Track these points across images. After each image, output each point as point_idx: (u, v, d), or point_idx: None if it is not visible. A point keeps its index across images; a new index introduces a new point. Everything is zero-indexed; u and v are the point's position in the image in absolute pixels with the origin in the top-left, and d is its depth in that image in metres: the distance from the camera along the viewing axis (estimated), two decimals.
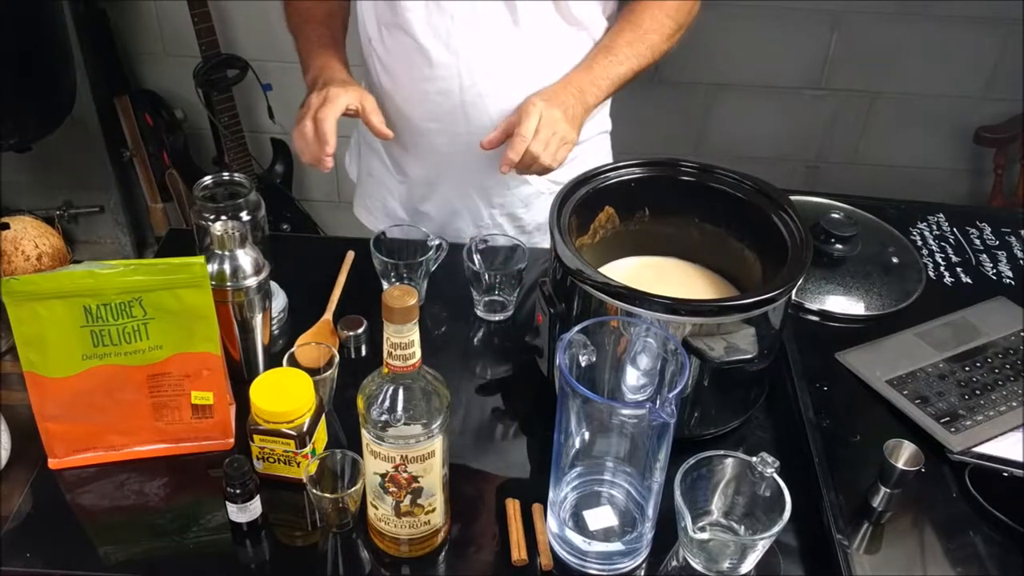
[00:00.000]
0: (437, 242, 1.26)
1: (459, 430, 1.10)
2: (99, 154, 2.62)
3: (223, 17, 2.44)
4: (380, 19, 1.30)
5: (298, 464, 0.99)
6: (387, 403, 0.84)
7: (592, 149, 1.45)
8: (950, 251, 1.37)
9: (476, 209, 1.44)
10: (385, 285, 1.26)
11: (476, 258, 1.25)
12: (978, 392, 1.09)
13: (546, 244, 1.07)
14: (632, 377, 0.97)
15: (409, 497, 0.89)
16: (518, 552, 0.94)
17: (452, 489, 0.96)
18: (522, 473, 1.07)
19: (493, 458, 1.09)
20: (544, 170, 1.21)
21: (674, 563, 0.93)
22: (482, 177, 1.39)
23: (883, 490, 0.95)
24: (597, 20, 1.32)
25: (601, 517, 0.96)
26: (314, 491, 0.92)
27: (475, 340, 1.26)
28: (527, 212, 1.45)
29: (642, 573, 0.95)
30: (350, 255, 1.33)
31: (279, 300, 1.25)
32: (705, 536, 0.87)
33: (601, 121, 1.47)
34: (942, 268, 1.33)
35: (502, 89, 1.28)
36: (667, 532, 0.92)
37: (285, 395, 0.97)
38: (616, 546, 0.94)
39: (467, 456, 1.06)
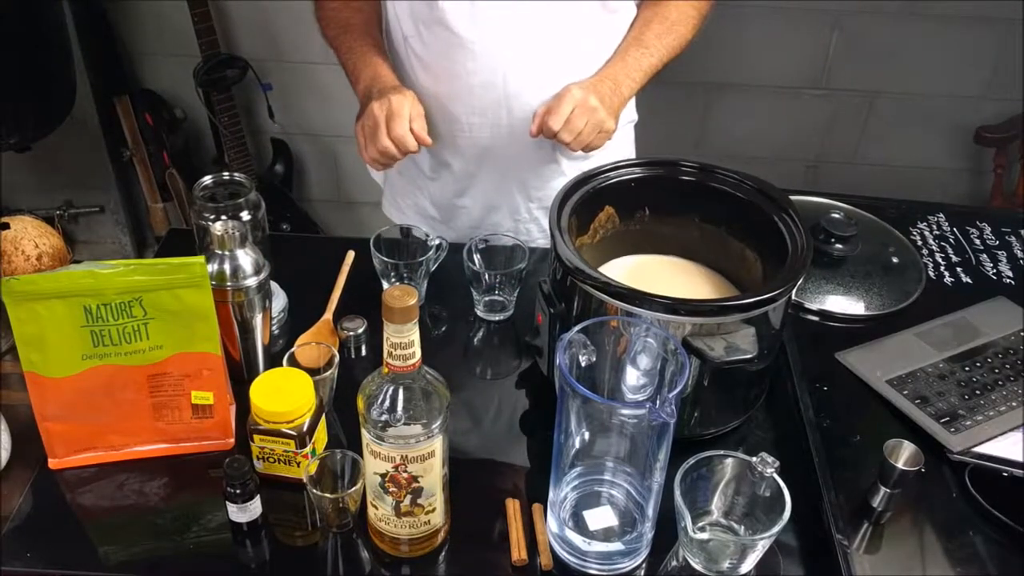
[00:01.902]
0: (437, 242, 1.26)
1: (459, 430, 1.10)
2: (99, 154, 2.62)
3: (223, 17, 2.44)
4: (417, 16, 1.31)
5: (298, 464, 0.99)
6: (387, 403, 0.84)
7: (619, 137, 1.46)
8: (950, 251, 1.37)
9: (514, 203, 1.46)
10: (385, 285, 1.26)
11: (476, 258, 1.25)
12: (978, 392, 1.09)
13: None
14: (632, 377, 0.97)
15: (409, 497, 0.89)
16: (518, 552, 0.94)
17: (452, 489, 0.96)
18: (522, 473, 1.07)
19: (493, 458, 1.09)
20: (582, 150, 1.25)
21: (674, 563, 0.93)
22: (521, 170, 1.41)
23: (883, 490, 0.95)
24: (630, 7, 1.35)
25: (601, 517, 0.96)
26: (314, 491, 0.92)
27: (475, 340, 1.26)
28: None
29: (642, 573, 0.95)
30: (350, 255, 1.33)
31: (279, 300, 1.25)
32: (705, 536, 0.87)
33: (627, 111, 1.48)
34: (942, 268, 1.33)
35: (544, 79, 1.30)
36: (667, 532, 0.92)
37: (285, 395, 0.97)
38: (616, 546, 0.94)
39: (467, 456, 1.06)
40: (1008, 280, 1.31)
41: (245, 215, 1.17)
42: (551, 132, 1.21)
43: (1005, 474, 1.00)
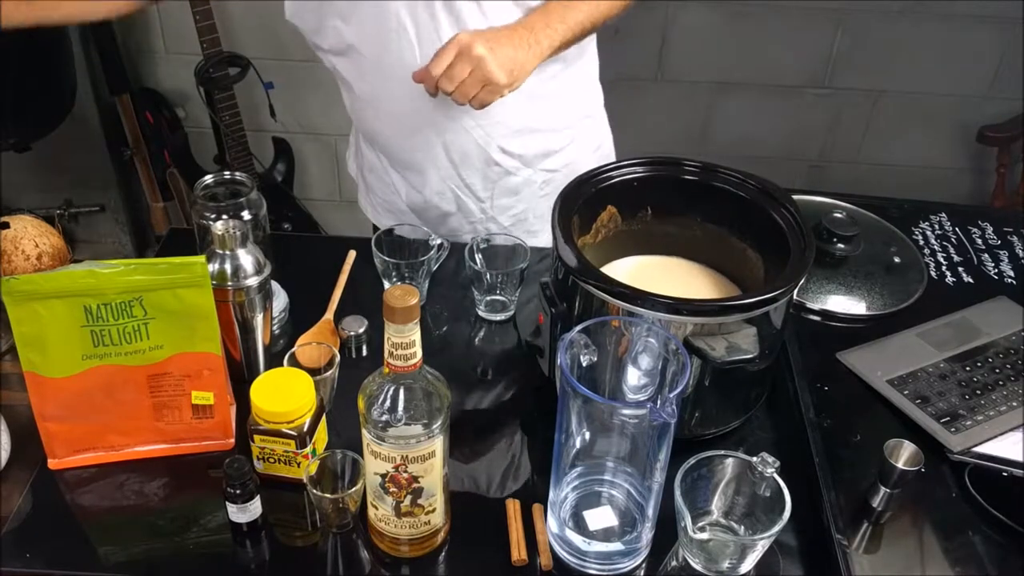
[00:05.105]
0: (439, 242, 1.26)
1: (459, 430, 1.09)
2: (100, 153, 2.62)
3: (225, 15, 2.44)
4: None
5: (298, 464, 0.99)
6: (388, 403, 0.84)
7: (578, 137, 1.43)
8: (952, 251, 1.37)
9: (464, 202, 1.43)
10: (386, 285, 1.26)
11: (478, 257, 1.25)
12: (978, 392, 1.08)
13: None
14: (633, 377, 0.97)
15: (409, 497, 0.89)
16: (518, 552, 0.94)
17: (452, 489, 0.96)
18: (522, 473, 1.07)
19: (493, 458, 1.08)
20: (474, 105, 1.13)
21: (674, 563, 0.93)
22: (460, 164, 1.38)
23: (883, 490, 0.95)
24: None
25: (601, 517, 0.96)
26: (314, 491, 0.92)
27: (476, 340, 1.26)
28: (519, 202, 1.44)
29: (642, 573, 0.95)
30: (351, 255, 1.33)
31: (280, 300, 1.25)
32: (705, 536, 0.87)
33: (583, 105, 1.42)
34: (944, 268, 1.33)
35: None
36: (667, 532, 0.92)
37: (285, 395, 0.97)
38: (616, 546, 0.94)
39: (467, 456, 1.06)
40: (1009, 280, 1.31)
41: (246, 214, 1.17)
42: (432, 81, 1.10)
43: (1005, 474, 1.00)
